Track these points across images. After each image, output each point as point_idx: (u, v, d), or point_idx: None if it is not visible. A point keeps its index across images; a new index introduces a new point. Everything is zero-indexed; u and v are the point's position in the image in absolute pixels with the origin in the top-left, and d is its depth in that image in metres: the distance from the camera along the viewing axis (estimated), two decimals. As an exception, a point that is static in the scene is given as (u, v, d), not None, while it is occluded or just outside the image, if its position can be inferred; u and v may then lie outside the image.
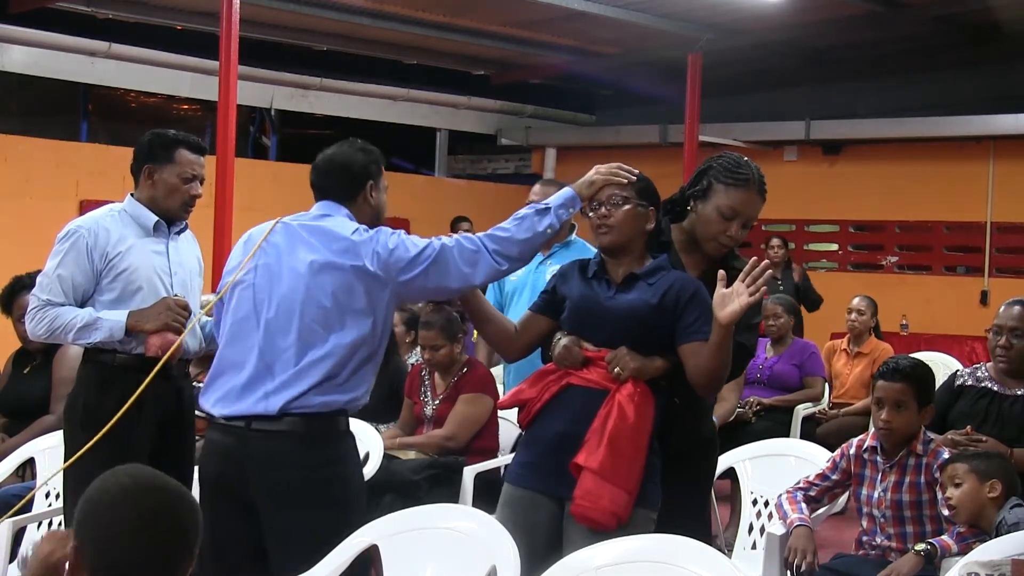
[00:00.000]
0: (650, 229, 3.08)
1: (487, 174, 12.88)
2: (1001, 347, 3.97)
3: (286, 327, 3.04)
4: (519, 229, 3.09)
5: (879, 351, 6.82)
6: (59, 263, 3.58)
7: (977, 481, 3.44)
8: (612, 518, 2.86)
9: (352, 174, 3.21)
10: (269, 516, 3.05)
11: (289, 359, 3.03)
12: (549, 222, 3.09)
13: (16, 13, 8.39)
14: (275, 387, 3.02)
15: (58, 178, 8.67)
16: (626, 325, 2.97)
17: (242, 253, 3.22)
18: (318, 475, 3.05)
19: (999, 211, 10.45)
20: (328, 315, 3.02)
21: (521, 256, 3.11)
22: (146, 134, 3.75)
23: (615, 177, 3.07)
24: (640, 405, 2.91)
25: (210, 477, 3.15)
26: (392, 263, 3.03)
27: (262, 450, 3.03)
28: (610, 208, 3.03)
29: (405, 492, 4.45)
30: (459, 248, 3.05)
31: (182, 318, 3.58)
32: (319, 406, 3.03)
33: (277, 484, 3.04)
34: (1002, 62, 9.95)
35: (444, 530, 2.98)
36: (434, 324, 4.82)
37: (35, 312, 3.59)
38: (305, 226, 3.14)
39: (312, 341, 3.02)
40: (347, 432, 3.18)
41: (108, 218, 3.66)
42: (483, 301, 3.24)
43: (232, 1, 7.29)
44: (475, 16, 9.44)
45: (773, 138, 11.22)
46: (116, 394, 3.53)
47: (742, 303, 2.80)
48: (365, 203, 3.21)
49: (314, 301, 3.03)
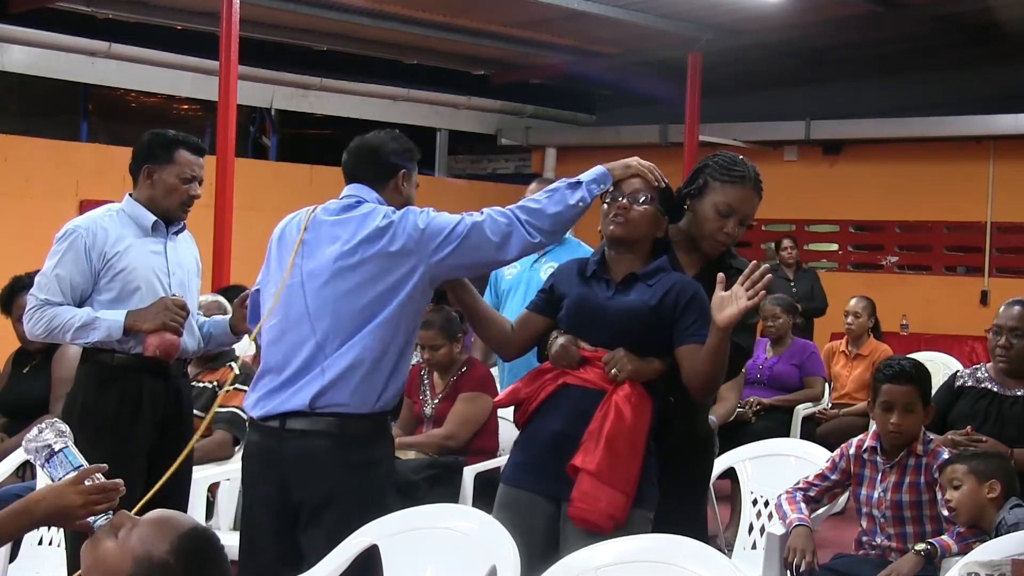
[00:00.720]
0: (659, 236, 3.08)
1: (487, 174, 12.88)
2: (1001, 347, 3.97)
3: (321, 323, 3.01)
4: (550, 202, 3.04)
5: (878, 352, 6.81)
6: (57, 263, 3.57)
7: (976, 482, 3.44)
8: (609, 520, 2.85)
9: (384, 159, 3.18)
10: (305, 518, 3.04)
11: (323, 352, 3.00)
12: (580, 195, 3.05)
13: (16, 13, 8.39)
14: (308, 380, 3.00)
15: (58, 178, 8.67)
16: (625, 326, 2.96)
17: (278, 249, 3.19)
18: (354, 477, 3.02)
19: (999, 211, 10.45)
20: (363, 307, 2.99)
21: (553, 229, 3.05)
22: (145, 134, 3.75)
23: (649, 173, 3.06)
24: (637, 407, 2.90)
25: (249, 478, 3.15)
26: (424, 242, 2.99)
27: (295, 450, 3.01)
28: (632, 203, 3.02)
29: (405, 492, 4.44)
30: (491, 222, 3.01)
31: (180, 318, 3.57)
32: (351, 403, 3.00)
33: (312, 486, 3.02)
34: (1002, 62, 9.95)
35: (444, 530, 2.97)
36: (433, 324, 4.82)
37: (33, 312, 3.58)
38: (335, 219, 3.10)
39: (346, 333, 2.99)
40: (383, 435, 3.13)
41: (106, 218, 3.65)
42: (478, 299, 3.23)
43: (232, 1, 7.29)
44: (475, 16, 9.44)
45: (773, 138, 11.22)
46: (115, 394, 3.54)
47: (740, 307, 2.79)
48: (396, 191, 3.18)
49: (349, 297, 3.00)
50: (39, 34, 8.70)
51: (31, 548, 3.97)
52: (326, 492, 3.02)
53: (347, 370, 2.98)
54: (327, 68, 10.53)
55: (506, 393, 3.20)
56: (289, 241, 3.15)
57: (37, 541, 3.97)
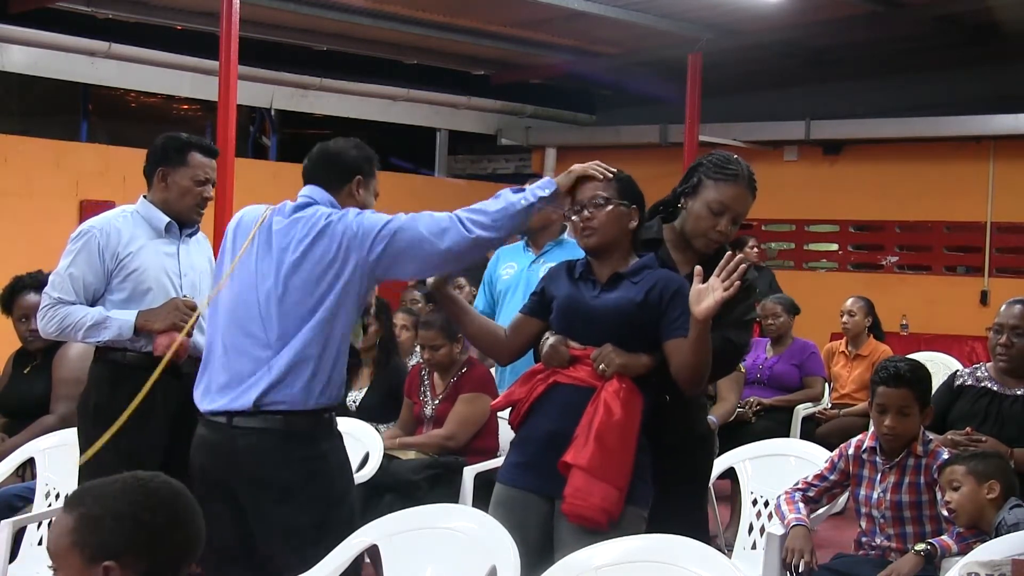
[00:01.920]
0: (633, 228, 3.08)
1: (487, 174, 12.88)
2: (1002, 345, 3.97)
3: (263, 323, 3.08)
4: (492, 201, 3.10)
5: (878, 352, 6.80)
6: (71, 262, 3.63)
7: (975, 483, 3.44)
8: (603, 515, 2.86)
9: (342, 164, 3.25)
10: (254, 510, 3.10)
11: (267, 353, 3.06)
12: (522, 196, 3.09)
13: (16, 13, 8.40)
14: (252, 381, 3.06)
15: (58, 178, 8.67)
16: (611, 323, 2.98)
17: (232, 241, 3.26)
18: (299, 469, 3.08)
19: (999, 211, 10.45)
20: (304, 309, 3.05)
21: (495, 225, 3.07)
22: (159, 137, 3.81)
23: (592, 171, 3.06)
24: (626, 401, 2.92)
25: (199, 470, 3.19)
26: (358, 241, 3.05)
27: (245, 445, 3.08)
28: (592, 210, 3.03)
29: (405, 492, 4.46)
30: (428, 220, 3.06)
31: (190, 318, 3.60)
32: (296, 401, 3.06)
33: (260, 478, 3.08)
34: (1002, 62, 9.95)
35: (444, 530, 2.98)
36: (434, 324, 4.83)
37: (46, 310, 3.64)
38: (285, 220, 3.16)
39: (288, 334, 3.05)
40: (331, 429, 3.20)
41: (120, 219, 3.71)
42: (466, 309, 3.27)
43: (232, 1, 7.29)
44: (475, 16, 9.44)
45: (773, 138, 11.22)
46: (127, 392, 3.55)
47: (716, 298, 2.82)
48: (350, 196, 3.23)
49: (290, 296, 3.06)
50: (39, 34, 8.70)
51: (31, 548, 3.97)
52: (277, 486, 3.07)
53: (290, 368, 3.05)
54: (327, 68, 10.54)
55: (502, 397, 3.23)
56: (244, 233, 3.22)
57: (37, 541, 3.97)
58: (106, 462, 3.48)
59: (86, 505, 1.87)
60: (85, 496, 1.90)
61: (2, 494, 4.37)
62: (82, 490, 1.93)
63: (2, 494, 4.37)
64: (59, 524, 1.88)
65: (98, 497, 1.88)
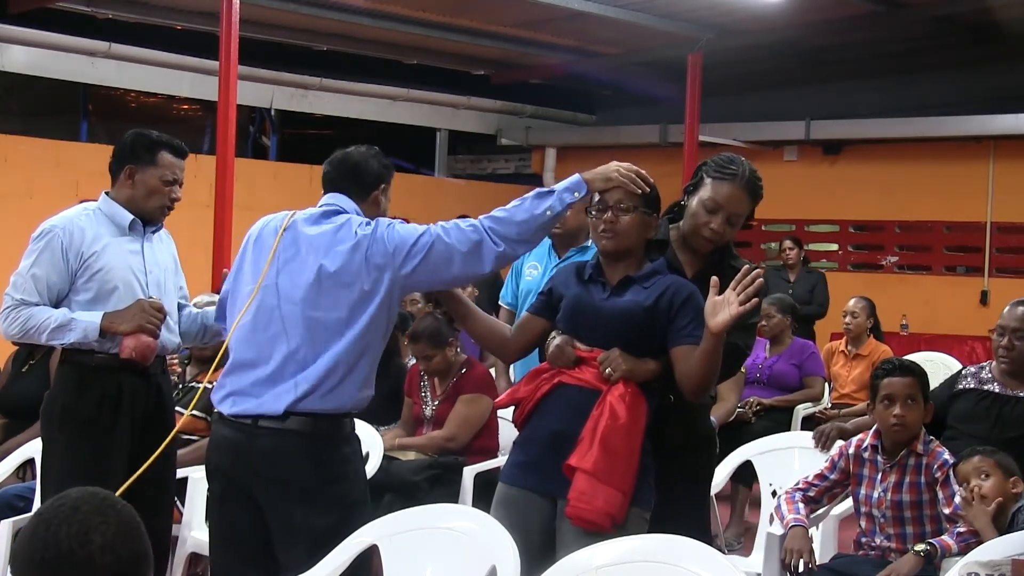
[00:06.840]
0: (651, 237, 3.09)
1: (487, 174, 12.88)
2: (1004, 347, 3.97)
3: (296, 329, 3.04)
4: (517, 210, 3.05)
5: (878, 352, 6.80)
6: (33, 262, 3.53)
7: (1002, 475, 3.47)
8: (607, 519, 2.86)
9: (367, 175, 3.24)
10: (273, 511, 3.07)
11: (298, 361, 3.03)
12: (549, 204, 3.04)
13: (16, 13, 8.40)
14: (284, 388, 3.03)
15: (58, 178, 8.67)
16: (619, 327, 2.97)
17: (253, 251, 3.21)
18: (322, 472, 3.06)
19: (999, 211, 10.46)
20: (337, 318, 3.03)
21: (520, 238, 3.04)
22: (128, 134, 3.70)
23: (631, 184, 3.02)
24: (631, 406, 2.91)
25: (217, 470, 3.16)
26: (393, 255, 3.02)
27: (268, 445, 3.04)
28: (617, 214, 3.01)
29: (405, 492, 4.45)
30: (457, 233, 3.03)
31: (156, 320, 3.55)
32: (325, 407, 3.04)
33: (281, 478, 3.05)
34: (1002, 62, 9.96)
35: (444, 530, 2.98)
36: (421, 336, 4.81)
37: (8, 312, 3.52)
38: (313, 228, 3.13)
39: (321, 343, 3.02)
40: (352, 434, 3.19)
41: (83, 217, 3.61)
42: (470, 308, 3.25)
43: (232, 1, 7.30)
44: (475, 16, 9.44)
45: (773, 138, 11.23)
46: (94, 394, 3.53)
47: (732, 312, 2.78)
48: (374, 204, 3.24)
49: (324, 304, 3.03)
50: (39, 34, 8.71)
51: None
52: (298, 487, 3.05)
53: (321, 380, 3.02)
54: (327, 68, 10.54)
55: (506, 394, 3.21)
56: (266, 245, 3.17)
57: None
58: (71, 467, 3.48)
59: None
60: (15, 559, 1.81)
61: (2, 494, 4.37)
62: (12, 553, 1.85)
63: (2, 494, 4.37)
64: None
65: (15, 556, 1.79)
